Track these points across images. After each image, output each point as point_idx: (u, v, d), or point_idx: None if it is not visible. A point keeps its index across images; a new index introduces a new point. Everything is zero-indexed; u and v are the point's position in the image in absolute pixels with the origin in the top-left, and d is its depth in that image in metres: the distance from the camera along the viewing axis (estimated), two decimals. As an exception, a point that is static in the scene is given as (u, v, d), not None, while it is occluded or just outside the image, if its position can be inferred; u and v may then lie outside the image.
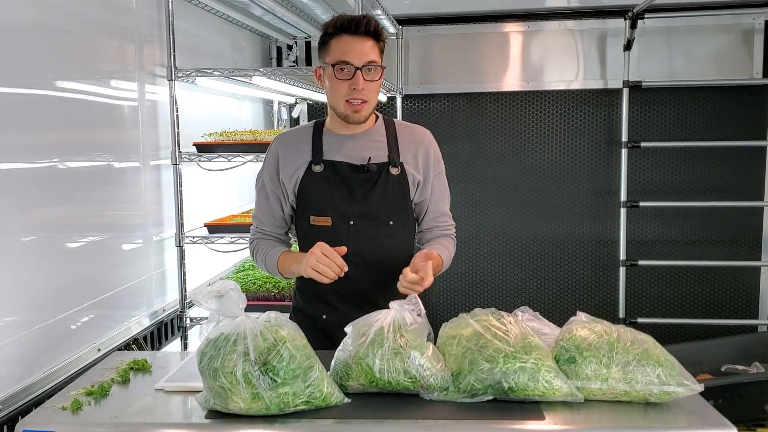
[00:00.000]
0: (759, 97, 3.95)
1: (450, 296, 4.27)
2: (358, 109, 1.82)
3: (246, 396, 1.36)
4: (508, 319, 1.53)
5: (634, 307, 4.12)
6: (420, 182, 1.93)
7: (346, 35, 1.79)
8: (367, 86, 1.80)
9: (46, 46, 1.92)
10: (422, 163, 1.93)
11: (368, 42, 1.80)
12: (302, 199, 1.89)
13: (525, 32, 4.07)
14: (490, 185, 4.19)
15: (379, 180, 1.86)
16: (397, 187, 1.89)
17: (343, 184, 1.86)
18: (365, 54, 1.79)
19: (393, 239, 1.90)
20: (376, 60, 1.81)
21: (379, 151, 1.89)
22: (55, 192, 1.95)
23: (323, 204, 1.86)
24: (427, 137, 1.98)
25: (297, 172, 1.89)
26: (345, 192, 1.86)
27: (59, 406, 1.48)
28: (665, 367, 1.42)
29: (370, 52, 1.80)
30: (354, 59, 1.78)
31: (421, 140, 1.95)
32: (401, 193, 1.89)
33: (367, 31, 1.79)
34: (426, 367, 1.44)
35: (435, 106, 4.18)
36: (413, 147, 1.93)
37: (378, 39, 1.82)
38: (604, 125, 4.09)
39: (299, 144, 1.92)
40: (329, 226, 1.86)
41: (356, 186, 1.86)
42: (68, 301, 2.01)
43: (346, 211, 1.86)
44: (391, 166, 1.88)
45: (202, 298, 1.42)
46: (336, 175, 1.86)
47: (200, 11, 3.02)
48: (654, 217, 4.09)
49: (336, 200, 1.86)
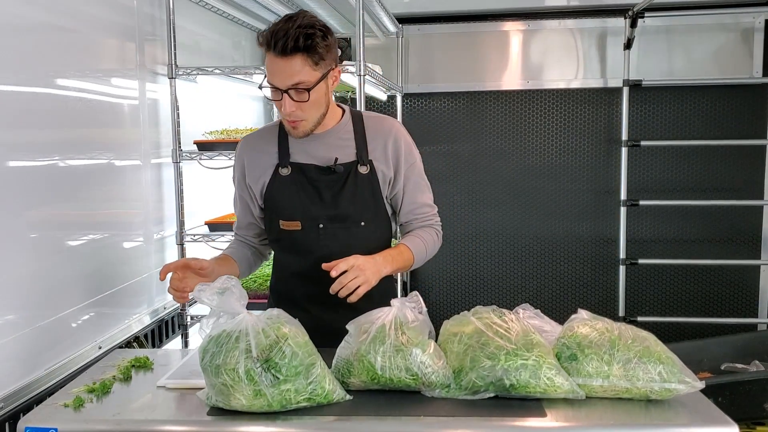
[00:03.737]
0: (759, 95, 3.95)
1: (451, 294, 4.28)
2: (295, 126, 1.74)
3: (248, 393, 1.36)
4: (510, 316, 1.53)
5: (633, 306, 4.12)
6: (391, 178, 1.85)
7: (271, 53, 1.64)
8: (300, 106, 1.68)
9: (48, 44, 1.92)
10: (392, 157, 1.84)
11: (295, 60, 1.63)
12: (270, 203, 1.84)
13: (525, 31, 4.07)
14: (491, 184, 4.19)
15: (348, 180, 1.79)
16: (366, 186, 1.81)
17: (311, 186, 1.80)
18: (290, 75, 1.64)
19: (365, 240, 1.82)
20: (304, 81, 1.64)
21: (346, 150, 1.81)
22: (56, 190, 1.95)
23: (291, 209, 1.81)
24: (396, 128, 1.87)
25: (263, 175, 1.83)
26: (313, 195, 1.80)
27: (61, 404, 1.49)
28: (666, 365, 1.43)
29: (298, 72, 1.63)
30: (277, 81, 1.66)
31: (389, 132, 1.85)
32: (372, 192, 1.82)
33: (293, 48, 1.61)
34: (427, 365, 1.45)
35: (435, 105, 4.18)
36: (382, 141, 1.83)
37: (310, 51, 1.63)
38: (604, 124, 4.09)
39: (265, 146, 1.85)
40: (299, 230, 1.81)
41: (324, 188, 1.80)
42: (69, 299, 2.01)
43: (315, 215, 1.80)
44: (360, 165, 1.80)
45: (203, 295, 1.42)
46: (303, 177, 1.80)
47: (201, 9, 3.02)
48: (654, 215, 4.09)
49: (304, 204, 1.80)
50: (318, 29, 1.64)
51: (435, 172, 4.20)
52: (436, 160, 4.21)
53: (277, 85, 1.66)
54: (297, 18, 1.64)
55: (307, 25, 1.63)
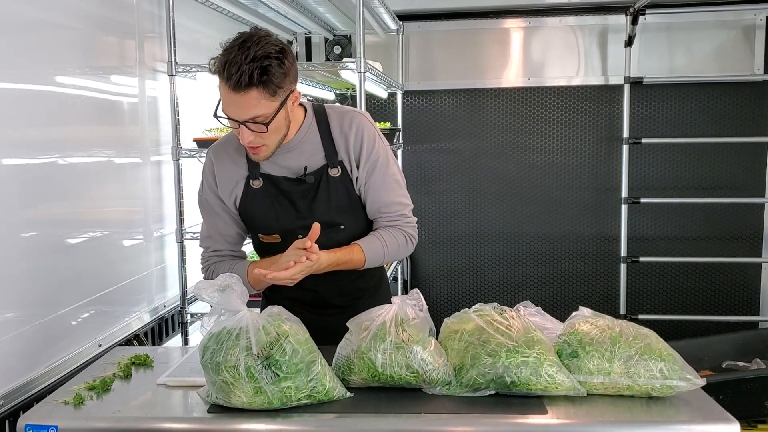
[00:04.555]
0: (760, 93, 3.95)
1: (452, 292, 4.27)
2: (256, 152, 1.65)
3: (248, 390, 1.36)
4: (511, 313, 1.53)
5: (635, 304, 4.12)
6: (357, 175, 1.76)
7: (224, 84, 1.53)
8: (259, 135, 1.59)
9: (47, 41, 1.92)
10: (353, 152, 1.74)
11: (250, 94, 1.52)
12: (245, 216, 1.77)
13: (526, 28, 4.07)
14: (491, 182, 4.19)
15: (320, 188, 1.72)
16: (340, 189, 1.73)
17: (284, 197, 1.73)
18: (246, 109, 1.54)
19: (347, 243, 1.74)
20: (261, 114, 1.55)
21: (315, 156, 1.73)
22: (55, 188, 1.94)
23: (268, 222, 1.75)
24: (357, 121, 1.75)
25: (235, 188, 1.75)
26: (288, 206, 1.73)
27: (61, 401, 1.48)
28: (667, 362, 1.42)
29: (253, 106, 1.54)
30: (233, 114, 1.57)
31: (351, 126, 1.74)
32: (346, 194, 1.74)
33: (248, 83, 1.50)
34: (428, 362, 1.44)
35: (436, 103, 4.18)
36: (344, 137, 1.74)
37: (266, 84, 1.52)
38: (605, 121, 4.09)
39: (234, 155, 1.76)
40: (279, 242, 1.74)
41: (298, 198, 1.73)
42: (69, 297, 2.00)
43: (292, 227, 1.73)
44: (330, 168, 1.72)
45: (204, 292, 1.41)
46: (275, 189, 1.73)
47: (200, 7, 3.02)
48: (655, 213, 4.09)
49: (280, 217, 1.74)
50: (274, 58, 1.52)
51: (435, 169, 4.22)
52: (437, 158, 4.21)
53: (234, 117, 1.57)
54: (250, 46, 1.51)
55: (261, 57, 1.50)
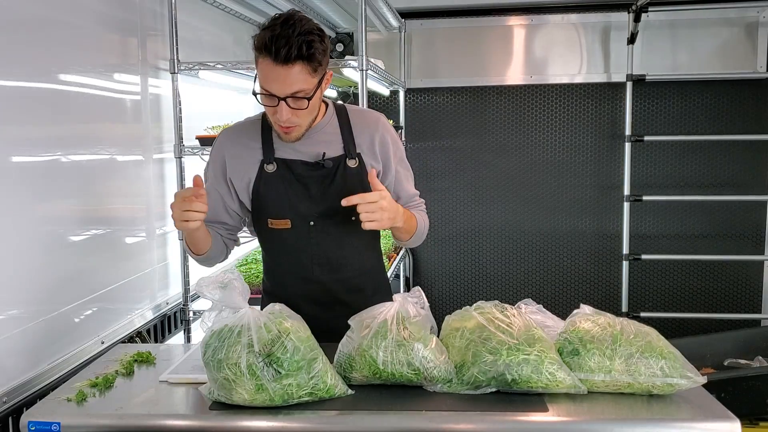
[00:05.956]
0: (763, 90, 3.94)
1: (453, 289, 4.28)
2: (288, 132, 1.68)
3: (250, 387, 1.36)
4: (512, 311, 1.53)
5: (636, 301, 4.12)
6: (380, 171, 1.81)
7: (269, 59, 1.55)
8: (295, 113, 1.63)
9: (49, 39, 1.92)
10: (380, 151, 1.80)
11: (294, 68, 1.55)
12: (257, 201, 1.78)
13: (528, 26, 4.06)
14: (494, 179, 4.19)
15: (337, 175, 1.75)
16: (356, 180, 1.75)
17: (299, 183, 1.75)
18: (289, 84, 1.57)
19: (358, 236, 1.77)
20: (303, 89, 1.59)
21: (333, 145, 1.77)
22: (58, 185, 1.95)
23: (280, 206, 1.75)
24: (382, 122, 1.83)
25: (249, 172, 1.77)
26: (302, 192, 1.75)
27: (64, 398, 1.49)
28: (668, 360, 1.42)
29: (296, 80, 1.57)
30: (276, 89, 1.58)
31: (376, 126, 1.81)
32: (362, 186, 1.73)
33: (296, 56, 1.54)
34: (429, 359, 1.44)
35: (438, 100, 4.18)
36: (368, 134, 1.79)
37: (310, 59, 1.57)
38: (608, 119, 4.08)
39: (247, 141, 1.79)
40: (289, 228, 1.76)
41: (313, 184, 1.75)
42: (72, 294, 2.01)
43: (305, 212, 1.75)
44: (348, 159, 1.76)
45: (205, 288, 1.42)
46: (291, 174, 1.75)
47: (203, 4, 3.02)
48: (657, 211, 4.09)
49: (293, 201, 1.75)
50: (316, 34, 1.58)
51: (438, 167, 4.22)
52: (439, 156, 4.21)
53: (275, 92, 1.59)
54: (295, 23, 1.56)
55: (307, 31, 1.56)
